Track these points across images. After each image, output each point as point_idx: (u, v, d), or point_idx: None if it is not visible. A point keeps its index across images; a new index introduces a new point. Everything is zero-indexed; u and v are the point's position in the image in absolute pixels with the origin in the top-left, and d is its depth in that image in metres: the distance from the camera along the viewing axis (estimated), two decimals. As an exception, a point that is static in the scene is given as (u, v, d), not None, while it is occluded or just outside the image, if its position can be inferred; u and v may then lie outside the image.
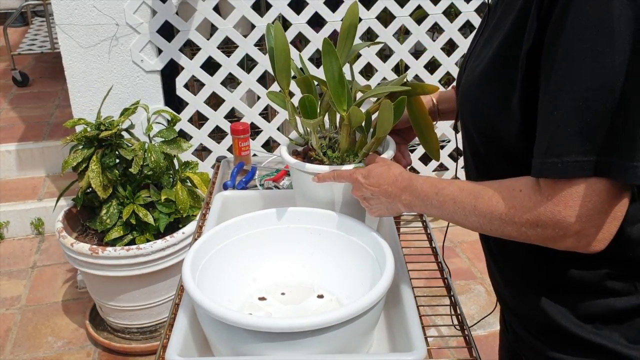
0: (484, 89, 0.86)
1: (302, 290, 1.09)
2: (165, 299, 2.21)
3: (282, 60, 1.05)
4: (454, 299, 1.10)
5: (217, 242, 1.05)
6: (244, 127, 1.54)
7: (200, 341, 0.95)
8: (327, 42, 0.99)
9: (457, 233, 3.00)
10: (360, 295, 0.89)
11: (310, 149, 1.11)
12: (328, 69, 1.00)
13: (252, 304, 1.05)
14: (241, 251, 1.08)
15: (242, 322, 0.82)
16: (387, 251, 0.98)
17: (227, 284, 1.04)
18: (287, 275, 1.10)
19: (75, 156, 2.05)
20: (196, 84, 2.70)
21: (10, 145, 3.28)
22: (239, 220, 1.08)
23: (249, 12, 2.46)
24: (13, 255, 2.88)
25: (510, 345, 1.02)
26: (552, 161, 0.74)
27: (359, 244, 1.05)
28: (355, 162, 1.05)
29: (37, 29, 4.76)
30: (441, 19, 2.69)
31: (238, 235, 1.08)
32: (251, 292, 1.08)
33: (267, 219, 1.10)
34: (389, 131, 1.02)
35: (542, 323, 0.90)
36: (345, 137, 1.05)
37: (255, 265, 1.09)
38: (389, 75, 2.76)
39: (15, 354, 2.29)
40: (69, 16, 2.29)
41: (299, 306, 1.05)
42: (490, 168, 0.91)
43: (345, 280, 1.06)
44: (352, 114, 1.00)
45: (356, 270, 1.04)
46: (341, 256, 1.07)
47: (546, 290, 0.89)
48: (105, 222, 2.08)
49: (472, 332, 1.02)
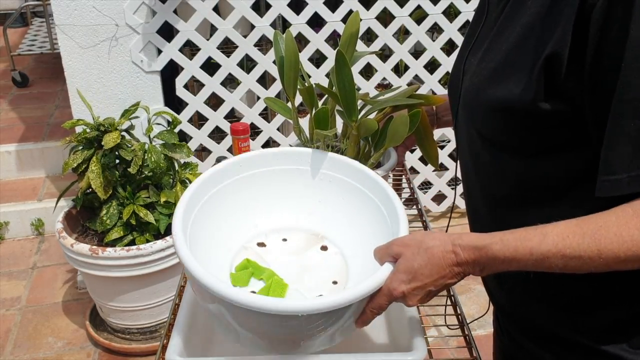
0: (498, 88, 0.82)
1: (306, 238, 1.03)
2: (165, 300, 2.21)
3: (292, 71, 1.04)
4: (454, 299, 1.10)
5: (218, 181, 0.98)
6: (244, 128, 1.54)
7: (201, 341, 0.95)
8: (340, 53, 0.98)
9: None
10: (365, 253, 0.84)
11: None
12: (340, 80, 1.00)
13: (250, 249, 1.01)
14: (243, 191, 1.01)
15: (226, 296, 0.76)
16: (401, 212, 0.90)
17: (227, 227, 0.98)
18: (291, 221, 1.04)
19: (75, 157, 2.05)
20: (196, 84, 2.70)
21: (10, 146, 3.28)
22: (242, 158, 1.01)
23: (248, 13, 2.46)
24: (13, 256, 2.88)
25: (507, 349, 1.02)
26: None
27: (371, 198, 0.96)
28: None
29: (36, 30, 4.75)
30: (441, 19, 2.69)
31: (240, 174, 1.00)
32: (252, 236, 1.03)
33: (275, 159, 1.02)
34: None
35: (544, 331, 0.89)
36: (352, 146, 1.04)
37: (258, 210, 1.03)
38: (389, 76, 2.76)
39: (16, 354, 2.29)
40: (69, 17, 2.29)
41: (298, 257, 1.00)
42: (494, 169, 0.89)
43: (352, 233, 1.00)
44: (362, 125, 1.00)
45: (365, 225, 0.97)
46: (350, 207, 1.00)
47: (552, 302, 0.87)
48: (105, 223, 2.08)
49: (472, 332, 1.02)
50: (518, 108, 0.79)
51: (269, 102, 1.13)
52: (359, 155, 1.07)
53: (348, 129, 1.05)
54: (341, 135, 1.09)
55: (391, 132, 0.99)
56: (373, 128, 0.99)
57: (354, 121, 1.01)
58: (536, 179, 0.83)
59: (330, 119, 1.07)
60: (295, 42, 1.04)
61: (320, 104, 1.10)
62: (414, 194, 1.46)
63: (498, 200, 0.90)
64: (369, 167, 1.05)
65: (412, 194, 1.47)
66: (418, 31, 2.70)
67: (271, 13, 2.50)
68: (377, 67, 2.74)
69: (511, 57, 0.81)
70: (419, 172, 2.97)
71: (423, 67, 2.78)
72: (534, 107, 0.77)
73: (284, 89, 1.08)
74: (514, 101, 0.79)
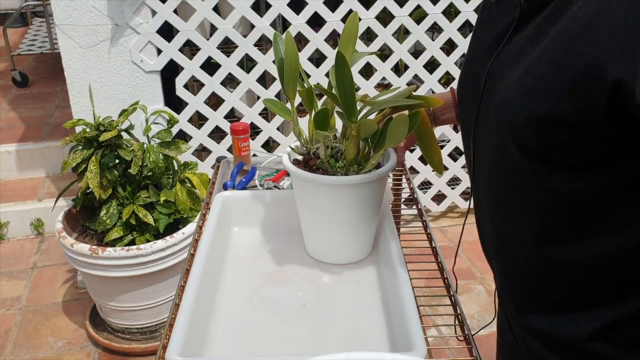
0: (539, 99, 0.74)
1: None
2: (166, 299, 2.21)
3: (291, 72, 1.04)
4: (454, 299, 1.10)
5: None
6: (244, 127, 1.54)
7: (201, 341, 0.95)
8: (340, 54, 0.98)
9: (457, 233, 3.00)
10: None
11: (312, 158, 1.10)
12: (340, 82, 0.99)
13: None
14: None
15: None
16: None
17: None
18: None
19: (74, 157, 2.05)
20: (196, 84, 2.70)
21: (10, 146, 3.28)
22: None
23: (248, 12, 2.46)
24: (13, 256, 2.88)
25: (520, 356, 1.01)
26: None
27: None
28: (361, 172, 1.04)
29: (36, 30, 4.76)
30: (440, 18, 2.69)
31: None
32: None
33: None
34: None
35: (563, 342, 0.88)
36: (352, 147, 1.04)
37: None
38: (388, 75, 2.76)
39: (16, 354, 2.29)
40: (69, 17, 2.29)
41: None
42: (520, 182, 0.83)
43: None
44: (362, 126, 0.99)
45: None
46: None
47: (571, 311, 0.86)
48: (105, 223, 2.09)
49: (472, 332, 1.02)
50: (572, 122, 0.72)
51: (269, 103, 1.13)
52: (359, 156, 1.07)
53: (347, 130, 1.05)
54: (340, 136, 1.09)
55: (391, 132, 0.99)
56: (373, 129, 0.99)
57: (354, 122, 1.01)
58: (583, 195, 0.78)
59: (330, 119, 1.07)
60: (295, 43, 1.04)
61: (319, 104, 1.10)
62: (413, 193, 1.46)
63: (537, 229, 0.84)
64: (369, 167, 1.04)
65: (412, 193, 1.47)
66: (418, 31, 2.70)
67: (271, 13, 2.50)
68: (377, 66, 2.75)
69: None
70: (419, 171, 2.97)
71: (423, 66, 2.78)
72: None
73: (283, 90, 1.07)
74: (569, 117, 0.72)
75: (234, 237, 1.24)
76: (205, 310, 1.00)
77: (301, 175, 1.05)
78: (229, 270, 1.14)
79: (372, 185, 1.05)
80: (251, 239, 1.23)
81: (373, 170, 1.05)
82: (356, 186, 1.04)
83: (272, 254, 1.19)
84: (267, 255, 1.19)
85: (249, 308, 1.04)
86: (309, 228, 1.14)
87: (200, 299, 0.97)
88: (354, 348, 0.97)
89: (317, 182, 1.04)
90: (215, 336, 0.98)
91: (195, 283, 0.98)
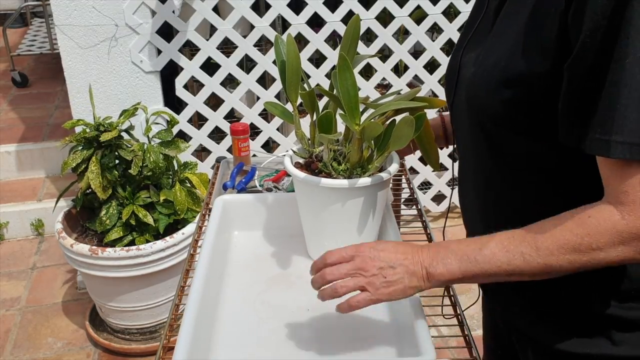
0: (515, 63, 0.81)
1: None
2: (165, 300, 2.21)
3: (293, 75, 1.03)
4: (454, 299, 1.10)
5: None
6: (244, 128, 1.54)
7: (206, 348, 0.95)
8: (342, 57, 0.97)
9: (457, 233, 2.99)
10: None
11: (313, 161, 1.10)
12: (343, 84, 0.99)
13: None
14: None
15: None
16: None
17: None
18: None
19: (74, 157, 2.05)
20: (195, 84, 2.70)
21: (10, 146, 3.28)
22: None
23: (248, 13, 2.46)
24: (13, 256, 2.88)
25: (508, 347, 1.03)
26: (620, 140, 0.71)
27: None
28: (364, 175, 1.04)
29: (36, 30, 4.75)
30: (440, 19, 2.69)
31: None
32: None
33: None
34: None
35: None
36: (356, 150, 1.04)
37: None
38: (389, 76, 2.76)
39: (15, 354, 2.29)
40: (68, 17, 2.29)
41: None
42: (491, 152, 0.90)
43: None
44: (367, 128, 0.99)
45: None
46: None
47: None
48: (105, 223, 2.08)
49: (472, 332, 1.02)
50: (534, 79, 0.79)
51: (269, 106, 1.13)
52: (362, 159, 1.06)
53: (351, 132, 1.04)
54: (343, 139, 1.09)
55: (395, 134, 0.98)
56: (378, 131, 0.99)
57: (357, 125, 1.00)
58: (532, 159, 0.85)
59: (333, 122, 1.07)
60: (296, 45, 1.04)
61: (320, 105, 1.10)
62: (413, 194, 1.46)
63: (489, 181, 0.93)
64: (373, 170, 1.04)
65: (411, 194, 1.47)
66: (418, 31, 2.70)
67: (271, 13, 2.50)
68: (377, 67, 2.74)
69: (525, 34, 0.80)
70: (419, 172, 2.97)
71: (423, 67, 2.78)
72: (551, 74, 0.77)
73: (285, 92, 1.07)
74: (532, 72, 0.79)
75: (235, 241, 1.23)
76: (210, 315, 0.99)
77: (304, 179, 1.05)
78: (231, 275, 1.13)
79: (375, 188, 1.05)
80: (253, 243, 1.22)
81: (376, 173, 1.05)
82: (360, 189, 1.03)
83: (275, 257, 1.18)
84: (269, 258, 1.18)
85: (252, 313, 1.04)
86: (312, 231, 1.13)
87: (204, 305, 0.97)
88: (360, 353, 0.96)
89: (320, 185, 1.03)
90: (221, 342, 0.98)
91: (198, 289, 0.98)
